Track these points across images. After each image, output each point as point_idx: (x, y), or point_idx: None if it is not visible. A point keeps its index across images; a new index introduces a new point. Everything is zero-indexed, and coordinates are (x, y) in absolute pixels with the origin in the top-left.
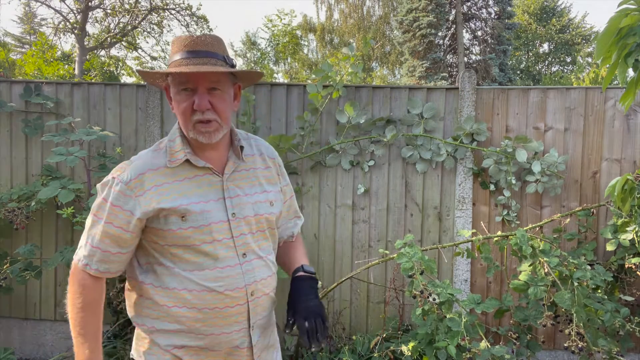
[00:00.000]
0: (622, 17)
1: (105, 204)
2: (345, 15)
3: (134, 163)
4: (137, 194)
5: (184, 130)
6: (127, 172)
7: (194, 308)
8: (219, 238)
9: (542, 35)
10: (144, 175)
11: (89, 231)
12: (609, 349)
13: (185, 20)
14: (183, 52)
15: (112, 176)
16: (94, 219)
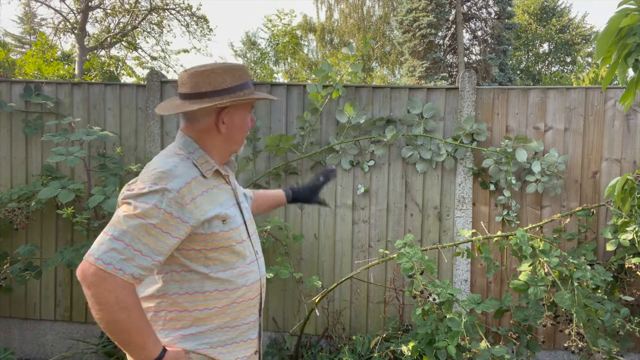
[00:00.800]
0: (622, 17)
1: (158, 211)
2: (345, 15)
3: (177, 171)
4: (186, 202)
5: (236, 145)
6: (175, 181)
7: (225, 305)
8: (245, 238)
9: (542, 35)
10: (190, 184)
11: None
12: (608, 349)
13: (185, 20)
14: (248, 81)
15: (158, 185)
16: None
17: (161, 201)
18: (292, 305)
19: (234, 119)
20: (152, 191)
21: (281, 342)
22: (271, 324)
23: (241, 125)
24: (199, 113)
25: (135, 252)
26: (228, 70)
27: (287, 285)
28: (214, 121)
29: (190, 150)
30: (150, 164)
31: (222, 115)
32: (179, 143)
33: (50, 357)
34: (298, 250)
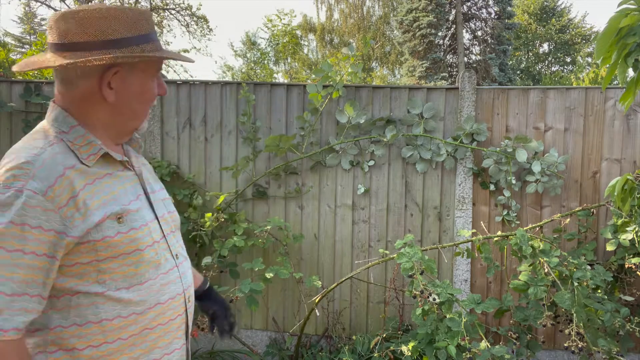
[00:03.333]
0: (622, 17)
1: (17, 229)
2: (345, 15)
3: (41, 162)
4: (60, 204)
5: (136, 119)
6: (38, 177)
7: (133, 335)
8: (157, 239)
9: (542, 35)
10: (63, 177)
11: (3, 278)
12: (608, 349)
13: (185, 20)
14: (150, 33)
15: (12, 188)
16: (5, 254)
17: (20, 213)
18: (292, 305)
19: (128, 84)
20: (5, 200)
21: (281, 342)
22: (271, 324)
23: (140, 92)
24: (74, 73)
25: (8, 297)
26: (117, 14)
27: (287, 285)
28: (97, 85)
29: (64, 129)
30: (5, 155)
31: (108, 77)
32: (49, 118)
33: None
34: (298, 250)
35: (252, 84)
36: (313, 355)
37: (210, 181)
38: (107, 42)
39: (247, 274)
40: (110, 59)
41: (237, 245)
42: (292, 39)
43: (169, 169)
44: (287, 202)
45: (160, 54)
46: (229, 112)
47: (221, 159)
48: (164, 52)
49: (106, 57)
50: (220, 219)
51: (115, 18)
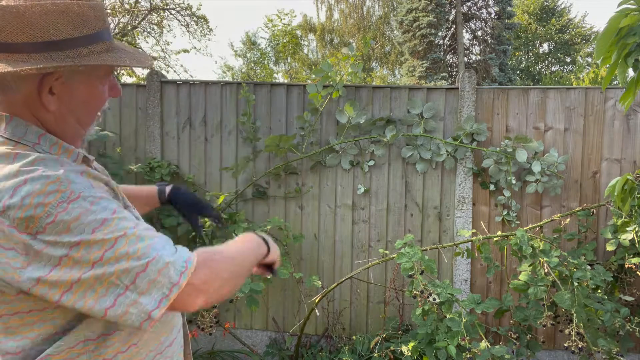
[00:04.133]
0: (622, 17)
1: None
2: (345, 15)
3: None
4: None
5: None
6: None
7: (159, 351)
8: None
9: (542, 35)
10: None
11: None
12: (608, 349)
13: (185, 20)
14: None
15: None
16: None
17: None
18: (292, 305)
19: (73, 89)
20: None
21: (281, 342)
22: (271, 324)
23: (86, 99)
24: (9, 76)
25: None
26: (62, 9)
27: (287, 285)
28: (35, 93)
29: (34, 140)
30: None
31: (49, 82)
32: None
33: None
34: (298, 250)
35: (252, 84)
36: (313, 355)
37: (210, 181)
38: (49, 43)
39: None
40: (50, 68)
41: None
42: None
43: (169, 169)
44: (287, 202)
45: (113, 59)
46: (229, 112)
47: (221, 159)
48: (116, 55)
49: (45, 66)
50: None
51: (59, 14)
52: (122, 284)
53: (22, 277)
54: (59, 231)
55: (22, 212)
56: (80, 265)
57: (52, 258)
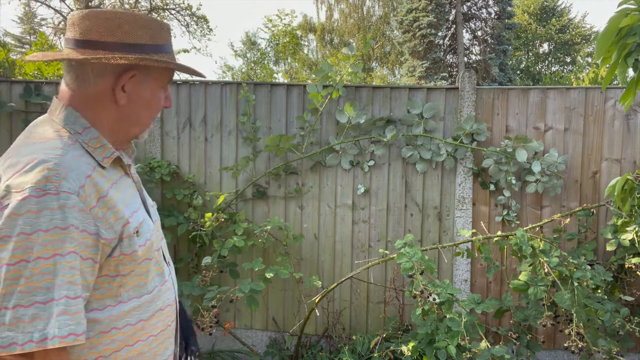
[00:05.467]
0: (622, 17)
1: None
2: (345, 15)
3: (65, 161)
4: (91, 205)
5: (139, 127)
6: (70, 177)
7: (139, 341)
8: (157, 247)
9: (542, 35)
10: (90, 178)
11: (50, 283)
12: (608, 349)
13: (185, 20)
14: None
15: (44, 190)
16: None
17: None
18: (292, 305)
19: (142, 88)
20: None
21: (281, 342)
22: (271, 324)
23: (150, 99)
24: (91, 70)
25: (73, 300)
26: (142, 22)
27: (287, 285)
28: (111, 86)
29: (77, 129)
30: (14, 154)
31: (124, 79)
32: (59, 118)
33: None
34: (298, 250)
35: (252, 84)
36: (313, 355)
37: (210, 181)
38: (129, 45)
39: (247, 274)
40: (134, 59)
41: (237, 245)
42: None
43: (169, 169)
44: (287, 202)
45: (178, 65)
46: (229, 112)
47: (221, 159)
48: (180, 64)
49: (130, 57)
50: (220, 219)
51: (138, 24)
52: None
53: None
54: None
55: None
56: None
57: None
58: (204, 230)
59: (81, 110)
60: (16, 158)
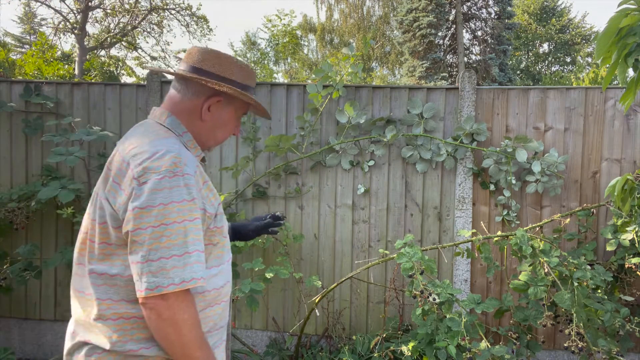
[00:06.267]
0: (622, 17)
1: (190, 203)
2: (345, 15)
3: (182, 152)
4: (200, 186)
5: (213, 141)
6: (188, 163)
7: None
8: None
9: (542, 35)
10: (198, 167)
11: (184, 239)
12: (608, 349)
13: (185, 20)
14: (253, 87)
15: (173, 172)
16: (183, 224)
17: (190, 192)
18: (292, 305)
19: (222, 112)
20: (178, 184)
21: (281, 342)
22: (271, 324)
23: (226, 123)
24: (192, 88)
25: (202, 253)
26: (242, 67)
27: (287, 285)
28: (201, 104)
29: (179, 132)
30: (142, 145)
31: (212, 101)
32: (166, 123)
33: (50, 357)
34: (298, 250)
35: None
36: (313, 355)
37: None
38: (225, 78)
39: (247, 274)
40: (225, 87)
41: (237, 245)
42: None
43: None
44: (287, 202)
45: (256, 102)
46: None
47: (221, 159)
48: (256, 101)
49: (229, 87)
50: None
51: (239, 68)
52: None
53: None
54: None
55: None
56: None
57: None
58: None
59: (180, 118)
60: (141, 148)
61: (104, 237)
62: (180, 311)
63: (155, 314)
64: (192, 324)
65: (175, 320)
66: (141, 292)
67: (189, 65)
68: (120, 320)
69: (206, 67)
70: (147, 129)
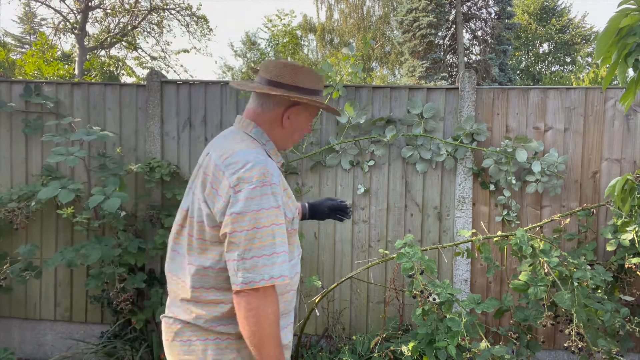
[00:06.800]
0: (622, 17)
1: (277, 210)
2: (345, 15)
3: (268, 164)
4: (281, 194)
5: (290, 143)
6: (274, 173)
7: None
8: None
9: (542, 35)
10: (281, 176)
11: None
12: (608, 349)
13: (185, 20)
14: (322, 90)
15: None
16: (271, 228)
17: (276, 200)
18: None
19: (299, 118)
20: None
21: None
22: None
23: (302, 127)
24: (273, 100)
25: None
26: (312, 74)
27: None
28: (281, 113)
29: (263, 142)
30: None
31: (291, 110)
32: (252, 133)
33: (50, 357)
34: None
35: None
36: (313, 355)
37: None
38: (300, 88)
39: None
40: (304, 99)
41: None
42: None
43: (169, 169)
44: None
45: (327, 106)
46: (229, 112)
47: None
48: (327, 105)
49: (302, 97)
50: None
51: (309, 75)
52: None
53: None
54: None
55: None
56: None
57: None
58: None
59: (263, 128)
60: (234, 158)
61: (200, 234)
62: (266, 305)
63: (245, 303)
64: (272, 320)
65: (259, 312)
66: (236, 285)
67: (267, 78)
68: (209, 305)
69: (283, 79)
70: (235, 138)
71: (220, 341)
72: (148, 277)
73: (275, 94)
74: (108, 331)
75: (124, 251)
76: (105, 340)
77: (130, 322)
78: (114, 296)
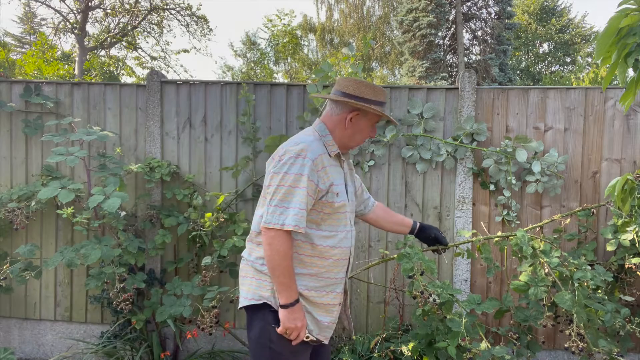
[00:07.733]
0: (622, 17)
1: (302, 177)
2: (345, 15)
3: (311, 146)
4: (318, 169)
5: (353, 143)
6: (311, 152)
7: (327, 259)
8: (349, 210)
9: (542, 35)
10: (322, 156)
11: (291, 198)
12: (609, 350)
13: (185, 20)
14: (383, 102)
15: (298, 155)
16: (293, 189)
17: (303, 169)
18: None
19: (359, 122)
20: (291, 161)
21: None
22: None
23: (361, 130)
24: (338, 105)
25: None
26: (373, 88)
27: None
28: (345, 117)
29: (323, 134)
30: (293, 138)
31: (352, 115)
32: (316, 127)
33: (50, 357)
34: None
35: (252, 84)
36: None
37: (210, 181)
38: (361, 98)
39: None
40: (362, 105)
41: (237, 245)
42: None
43: (169, 168)
44: None
45: (386, 115)
46: (229, 112)
47: (221, 159)
48: (380, 112)
49: (359, 104)
50: (220, 219)
51: (371, 89)
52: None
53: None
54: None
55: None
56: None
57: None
58: (203, 230)
59: (329, 126)
60: (291, 140)
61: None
62: (278, 243)
63: (265, 239)
64: (284, 255)
65: (273, 248)
66: (263, 225)
67: (339, 90)
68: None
69: (349, 90)
70: (305, 131)
71: (260, 280)
72: (148, 277)
73: (338, 99)
74: (108, 331)
75: (123, 251)
76: (105, 340)
77: (130, 322)
78: (114, 296)
